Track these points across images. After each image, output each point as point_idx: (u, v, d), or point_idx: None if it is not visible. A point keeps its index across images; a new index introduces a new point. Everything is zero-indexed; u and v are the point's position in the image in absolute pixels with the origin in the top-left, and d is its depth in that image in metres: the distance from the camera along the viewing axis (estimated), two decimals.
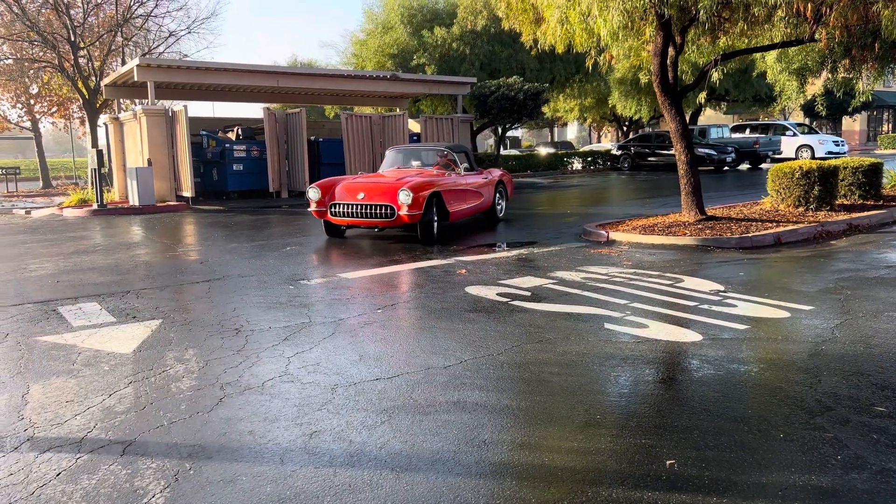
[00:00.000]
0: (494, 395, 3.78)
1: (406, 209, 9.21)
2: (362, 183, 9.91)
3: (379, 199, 9.46)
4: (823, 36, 9.81)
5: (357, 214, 9.60)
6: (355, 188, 9.77)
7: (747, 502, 2.58)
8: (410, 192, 9.22)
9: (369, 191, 9.62)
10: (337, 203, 9.77)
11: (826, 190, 10.53)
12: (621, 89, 27.26)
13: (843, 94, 16.08)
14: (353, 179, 10.18)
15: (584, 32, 10.20)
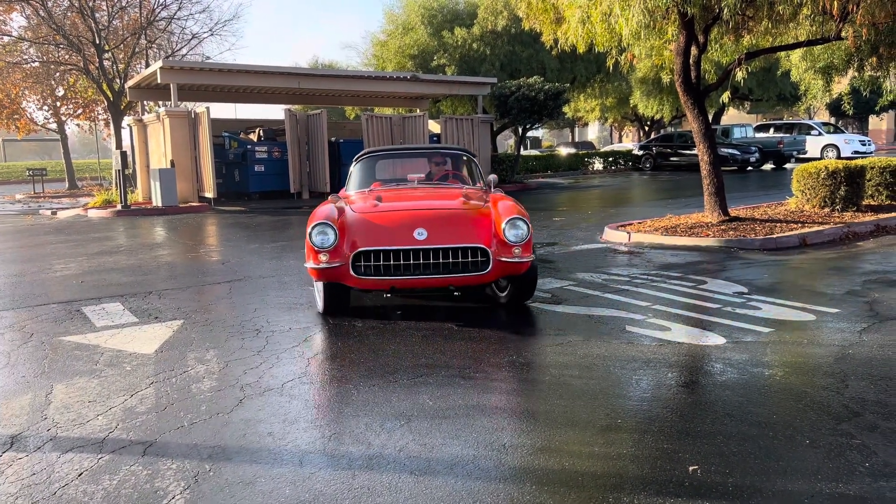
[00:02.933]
0: (514, 398, 3.75)
1: (516, 253, 5.16)
2: (407, 210, 5.55)
3: (458, 239, 5.19)
4: (850, 34, 9.64)
5: (416, 268, 5.12)
6: (401, 219, 5.38)
7: None
8: (525, 224, 5.26)
9: (432, 223, 5.28)
10: (371, 251, 5.14)
11: (852, 190, 10.36)
12: (643, 89, 27.06)
13: (870, 93, 15.81)
14: (378, 207, 5.66)
15: (606, 32, 10.12)
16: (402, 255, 5.11)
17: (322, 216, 5.37)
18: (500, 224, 5.26)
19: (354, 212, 5.58)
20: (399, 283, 5.17)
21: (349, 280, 5.23)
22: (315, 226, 5.23)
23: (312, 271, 5.33)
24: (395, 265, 5.12)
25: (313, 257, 5.24)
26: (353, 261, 5.15)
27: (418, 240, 5.12)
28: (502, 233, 5.21)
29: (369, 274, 5.15)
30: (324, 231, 5.22)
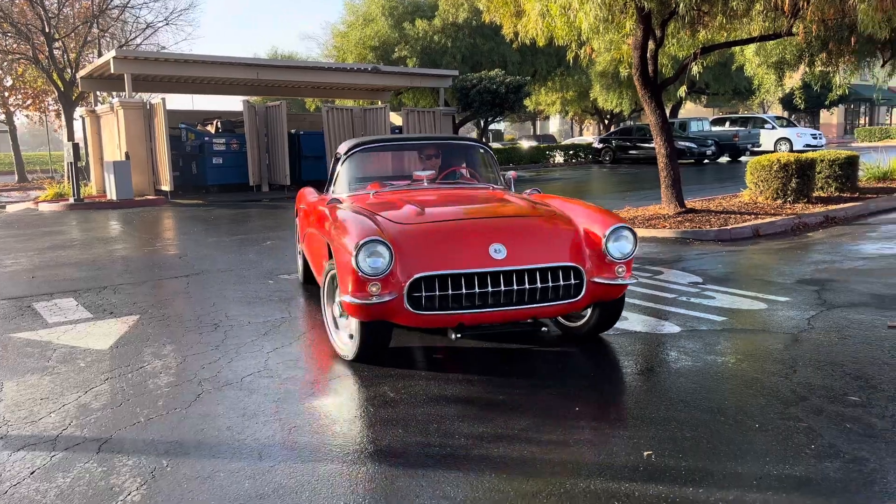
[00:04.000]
0: (473, 387, 3.79)
1: (619, 273, 4.10)
2: (472, 219, 4.28)
3: (545, 256, 3.98)
4: (801, 30, 9.89)
5: (494, 298, 3.86)
6: (470, 231, 4.08)
7: (723, 492, 2.61)
8: (633, 235, 4.18)
9: (510, 236, 4.02)
10: (436, 276, 3.81)
11: (803, 182, 10.65)
12: (602, 83, 27.39)
13: (821, 88, 16.24)
14: (426, 215, 4.30)
15: (565, 25, 10.22)
16: (476, 281, 3.79)
17: (367, 231, 3.82)
18: (597, 235, 4.07)
19: (395, 222, 4.10)
20: (470, 318, 3.83)
21: (401, 317, 3.83)
22: (364, 244, 3.69)
23: (355, 308, 3.79)
24: (468, 294, 3.78)
25: (358, 288, 3.73)
26: (409, 290, 3.75)
27: (496, 259, 3.82)
28: (603, 247, 4.03)
29: (431, 308, 3.78)
30: (376, 251, 3.71)
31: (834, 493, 2.59)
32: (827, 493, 2.59)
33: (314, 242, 5.19)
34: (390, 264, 3.74)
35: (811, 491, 2.61)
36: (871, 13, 8.59)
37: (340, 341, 4.36)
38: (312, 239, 5.30)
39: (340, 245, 3.94)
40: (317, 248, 5.06)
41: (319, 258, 4.91)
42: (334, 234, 4.14)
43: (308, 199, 6.06)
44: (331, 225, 4.33)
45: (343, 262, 3.85)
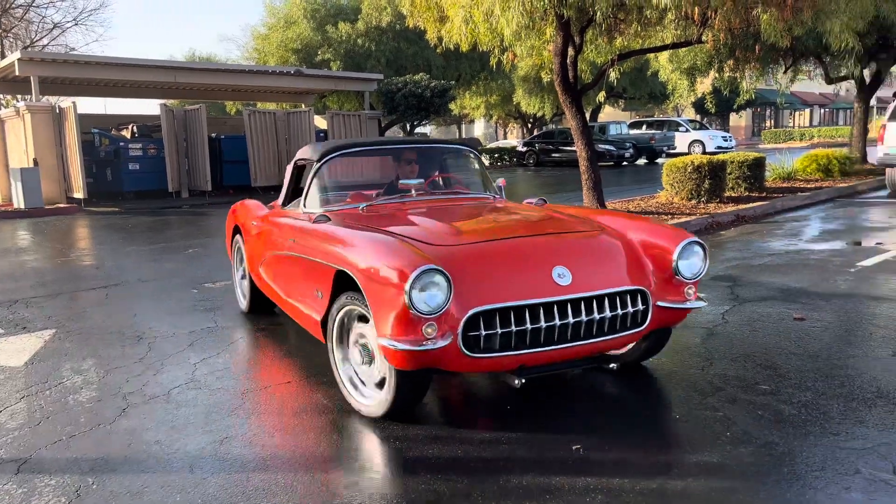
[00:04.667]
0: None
1: (689, 294, 3.59)
2: (527, 238, 3.60)
3: (612, 279, 3.41)
4: (710, 38, 10.39)
5: (562, 332, 3.19)
6: (528, 252, 3.39)
7: (647, 480, 2.74)
8: (705, 251, 3.65)
9: (572, 257, 3.41)
10: (497, 310, 3.09)
11: (716, 183, 11.18)
12: (525, 87, 27.91)
13: (730, 92, 17.09)
14: (469, 238, 3.61)
15: (488, 31, 10.39)
16: (541, 313, 3.13)
17: (416, 257, 3.05)
18: (663, 252, 3.53)
19: (434, 244, 3.36)
20: (532, 358, 3.18)
21: (452, 362, 3.09)
22: (419, 275, 2.91)
23: (402, 356, 2.99)
24: (534, 329, 3.11)
25: (408, 330, 2.97)
26: (465, 329, 3.03)
27: (560, 285, 3.19)
28: (672, 265, 3.49)
29: (490, 349, 3.09)
30: (433, 282, 2.95)
31: (748, 477, 2.76)
32: (741, 477, 2.76)
33: (293, 271, 4.18)
34: (448, 298, 2.97)
35: (728, 475, 2.78)
36: (774, 23, 9.13)
37: (361, 395, 3.51)
38: (287, 266, 4.28)
39: (376, 277, 3.08)
40: (300, 279, 4.06)
41: (307, 290, 3.94)
42: (360, 261, 3.25)
43: (260, 215, 5.16)
44: (347, 250, 3.47)
45: (385, 299, 3.01)
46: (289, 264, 4.27)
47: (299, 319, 4.17)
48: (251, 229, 5.25)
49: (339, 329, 3.60)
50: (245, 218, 5.48)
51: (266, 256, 4.78)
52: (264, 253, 4.82)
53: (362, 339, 3.48)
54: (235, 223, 5.72)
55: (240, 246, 5.66)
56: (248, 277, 5.38)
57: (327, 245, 3.70)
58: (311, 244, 3.91)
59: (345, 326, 3.58)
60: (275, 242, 4.60)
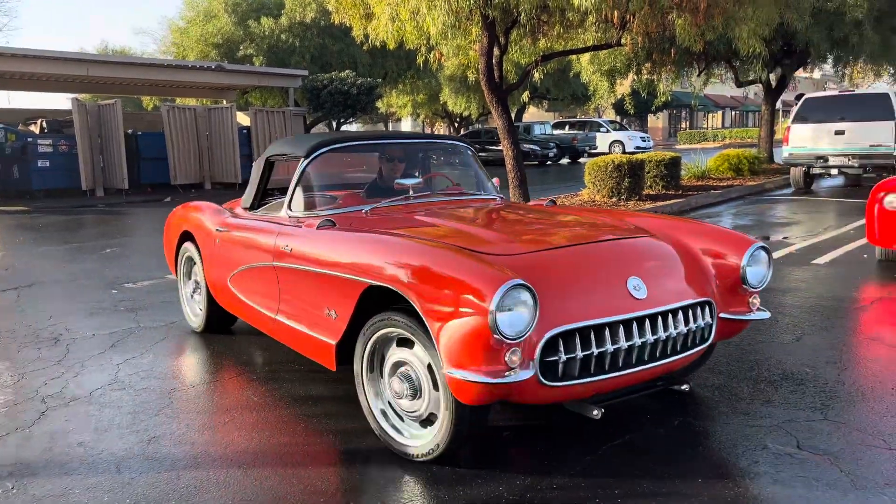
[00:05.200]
0: (339, 386, 3.83)
1: (754, 305, 3.27)
2: (587, 245, 3.09)
3: (684, 291, 3.04)
4: (629, 41, 10.80)
5: (640, 353, 2.82)
6: (600, 260, 3.00)
7: (567, 470, 2.86)
8: (768, 256, 3.33)
9: (644, 265, 3.05)
10: (578, 329, 2.65)
11: (635, 181, 11.60)
12: (451, 86, 28.09)
13: (648, 94, 17.73)
14: (530, 246, 3.01)
15: (415, 30, 10.45)
16: (621, 332, 2.74)
17: (498, 273, 2.55)
18: (729, 259, 3.20)
19: (499, 254, 2.85)
20: (608, 384, 2.79)
21: (527, 393, 2.64)
22: (506, 292, 2.44)
23: (479, 390, 2.50)
24: (615, 351, 2.72)
25: (490, 359, 2.48)
26: (543, 353, 2.58)
27: (637, 299, 2.82)
28: (740, 274, 3.16)
29: (569, 376, 2.66)
30: (520, 301, 2.49)
31: (666, 455, 2.92)
32: (660, 455, 2.92)
33: (289, 286, 3.58)
34: (535, 319, 2.51)
35: (647, 454, 2.93)
36: (688, 28, 9.56)
37: (399, 433, 2.99)
38: (275, 280, 3.67)
39: (441, 295, 2.57)
40: (300, 296, 3.49)
41: (311, 309, 3.38)
42: (411, 276, 2.73)
43: (226, 220, 4.42)
44: (386, 261, 2.89)
45: (454, 322, 2.51)
46: (279, 278, 3.62)
47: (296, 343, 3.56)
48: (211, 236, 4.48)
49: (371, 356, 3.04)
50: (199, 223, 4.74)
51: (238, 269, 4.11)
52: (235, 264, 4.14)
53: (403, 367, 2.88)
54: (184, 229, 4.92)
55: (191, 256, 4.89)
56: (206, 293, 4.64)
57: (351, 255, 3.11)
58: (319, 254, 3.31)
59: (377, 352, 3.02)
60: (252, 252, 3.94)
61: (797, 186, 13.76)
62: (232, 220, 4.39)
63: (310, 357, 3.45)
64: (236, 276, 4.16)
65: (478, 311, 2.46)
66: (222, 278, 4.32)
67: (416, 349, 2.80)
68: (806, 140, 13.25)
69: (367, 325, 2.98)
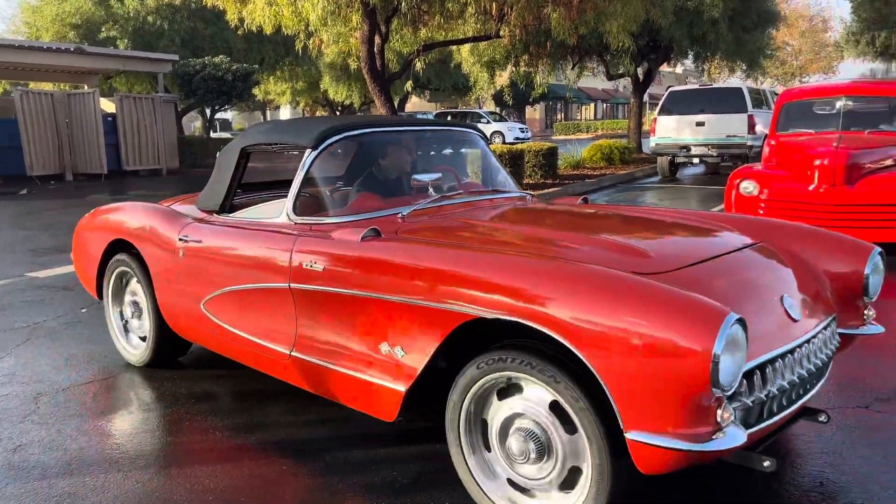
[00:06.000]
0: (224, 383, 3.71)
1: (868, 318, 2.80)
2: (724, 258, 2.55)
3: (821, 308, 2.62)
4: (507, 33, 11.06)
5: (803, 386, 2.38)
6: (751, 279, 2.51)
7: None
8: (883, 262, 2.87)
9: (788, 279, 2.59)
10: (768, 362, 2.21)
11: (514, 171, 11.92)
12: (332, 74, 27.64)
13: (525, 86, 18.26)
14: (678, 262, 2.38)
15: (293, 16, 10.23)
16: (789, 362, 2.28)
17: (717, 308, 1.96)
18: (847, 268, 2.76)
19: (657, 272, 2.26)
20: (771, 427, 2.28)
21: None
22: (730, 330, 1.90)
23: (678, 459, 1.95)
24: (785, 388, 2.26)
25: (702, 419, 1.93)
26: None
27: (795, 321, 2.39)
28: (862, 284, 2.73)
29: (748, 423, 2.15)
30: (736, 340, 1.95)
31: None
32: None
33: (318, 315, 2.78)
34: (744, 360, 2.00)
35: None
36: (562, 21, 9.94)
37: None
38: (293, 306, 2.86)
39: (624, 336, 1.95)
40: (340, 328, 2.70)
41: (358, 344, 2.63)
42: (568, 307, 2.06)
43: (191, 226, 3.48)
44: (513, 284, 2.19)
45: (656, 372, 1.91)
46: (299, 305, 2.83)
47: (327, 387, 2.80)
48: (168, 248, 3.52)
49: (470, 408, 2.37)
50: (143, 230, 3.73)
51: (220, 290, 3.23)
52: (214, 285, 3.26)
53: (521, 420, 2.26)
54: (114, 238, 3.93)
55: (126, 272, 3.95)
56: (155, 318, 3.73)
57: (437, 276, 2.37)
58: (374, 274, 2.55)
59: (475, 411, 2.39)
60: (249, 270, 3.07)
61: (664, 174, 14.66)
62: (202, 228, 3.42)
63: (350, 405, 2.73)
64: (217, 299, 3.25)
65: (684, 356, 1.86)
66: (191, 302, 3.40)
67: (529, 391, 2.22)
68: (671, 131, 14.12)
69: (467, 370, 2.29)
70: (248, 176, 3.67)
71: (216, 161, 3.66)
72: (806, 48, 42.19)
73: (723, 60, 18.72)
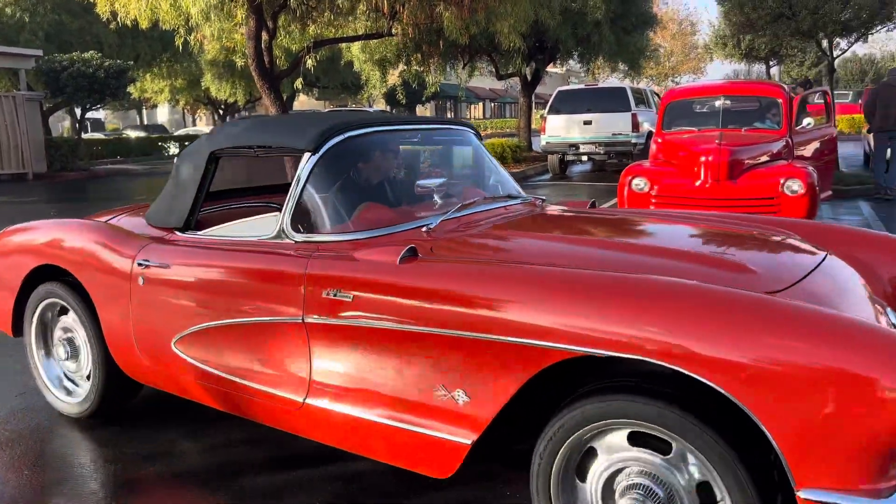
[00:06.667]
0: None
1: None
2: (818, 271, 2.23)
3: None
4: (399, 31, 10.94)
5: None
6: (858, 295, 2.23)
7: None
8: None
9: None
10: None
11: None
12: (214, 72, 26.54)
13: (418, 85, 18.22)
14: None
15: (173, 9, 9.66)
16: None
17: None
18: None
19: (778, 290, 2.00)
20: None
21: None
22: None
23: None
24: None
25: (878, 473, 1.59)
26: None
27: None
28: None
29: None
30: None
31: None
32: None
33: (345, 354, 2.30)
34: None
35: None
36: (454, 21, 9.93)
37: None
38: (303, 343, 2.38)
39: (789, 376, 1.61)
40: (377, 368, 2.23)
41: (412, 390, 2.17)
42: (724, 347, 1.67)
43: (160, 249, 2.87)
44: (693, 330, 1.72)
45: (833, 421, 1.60)
46: (317, 342, 2.35)
47: (354, 440, 2.33)
48: (121, 275, 2.92)
49: (567, 459, 1.98)
50: (83, 254, 3.08)
51: (198, 326, 2.68)
52: (189, 319, 2.71)
53: (638, 477, 1.88)
54: (41, 263, 3.23)
55: (55, 305, 3.31)
56: (102, 361, 3.11)
57: (519, 308, 1.94)
58: (426, 304, 2.11)
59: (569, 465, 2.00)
60: (242, 301, 2.54)
61: (554, 172, 15.02)
62: (166, 249, 2.84)
63: (388, 460, 2.27)
64: (194, 337, 2.70)
65: (882, 398, 1.54)
66: (156, 340, 2.85)
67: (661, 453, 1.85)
68: (560, 130, 14.48)
69: (563, 416, 1.92)
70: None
71: (174, 169, 3.10)
72: (677, 50, 44.67)
73: (606, 61, 19.44)
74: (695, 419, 1.71)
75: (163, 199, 3.10)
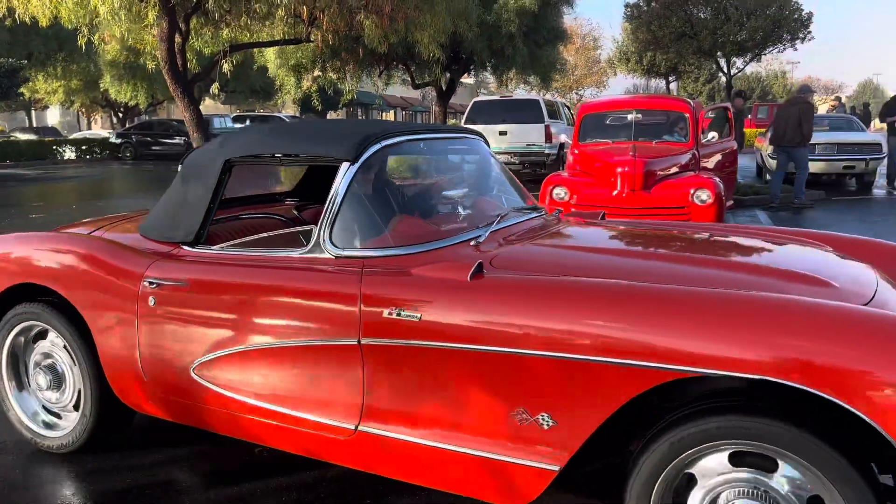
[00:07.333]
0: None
1: None
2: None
3: None
4: (318, 38, 10.88)
5: None
6: None
7: None
8: None
9: None
10: None
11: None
12: (114, 73, 25.37)
13: (334, 92, 18.09)
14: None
15: (77, 7, 9.23)
16: None
17: None
18: None
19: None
20: None
21: None
22: None
23: None
24: None
25: None
26: None
27: None
28: None
29: None
30: None
31: None
32: None
33: (428, 380, 2.11)
34: None
35: None
36: (375, 29, 9.97)
37: None
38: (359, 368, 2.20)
39: None
40: (463, 398, 2.07)
41: (488, 415, 2.04)
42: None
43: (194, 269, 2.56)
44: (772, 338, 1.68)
45: None
46: (373, 365, 2.17)
47: (426, 469, 2.15)
48: (129, 295, 2.61)
49: (664, 491, 1.87)
50: (75, 270, 2.75)
51: (225, 350, 2.43)
52: (214, 343, 2.46)
53: (742, 499, 1.80)
54: (17, 282, 2.87)
55: (33, 328, 2.95)
56: (94, 391, 2.77)
57: (626, 325, 1.82)
58: (514, 323, 1.95)
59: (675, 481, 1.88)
60: (275, 320, 2.34)
61: None
62: (181, 266, 2.58)
63: (459, 491, 2.12)
64: (220, 361, 2.45)
65: None
66: (171, 365, 2.56)
67: (786, 471, 1.75)
68: None
69: (660, 442, 1.82)
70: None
71: (178, 177, 2.84)
72: (581, 64, 46.30)
73: (518, 73, 19.95)
74: (810, 434, 1.65)
75: (164, 210, 2.83)
